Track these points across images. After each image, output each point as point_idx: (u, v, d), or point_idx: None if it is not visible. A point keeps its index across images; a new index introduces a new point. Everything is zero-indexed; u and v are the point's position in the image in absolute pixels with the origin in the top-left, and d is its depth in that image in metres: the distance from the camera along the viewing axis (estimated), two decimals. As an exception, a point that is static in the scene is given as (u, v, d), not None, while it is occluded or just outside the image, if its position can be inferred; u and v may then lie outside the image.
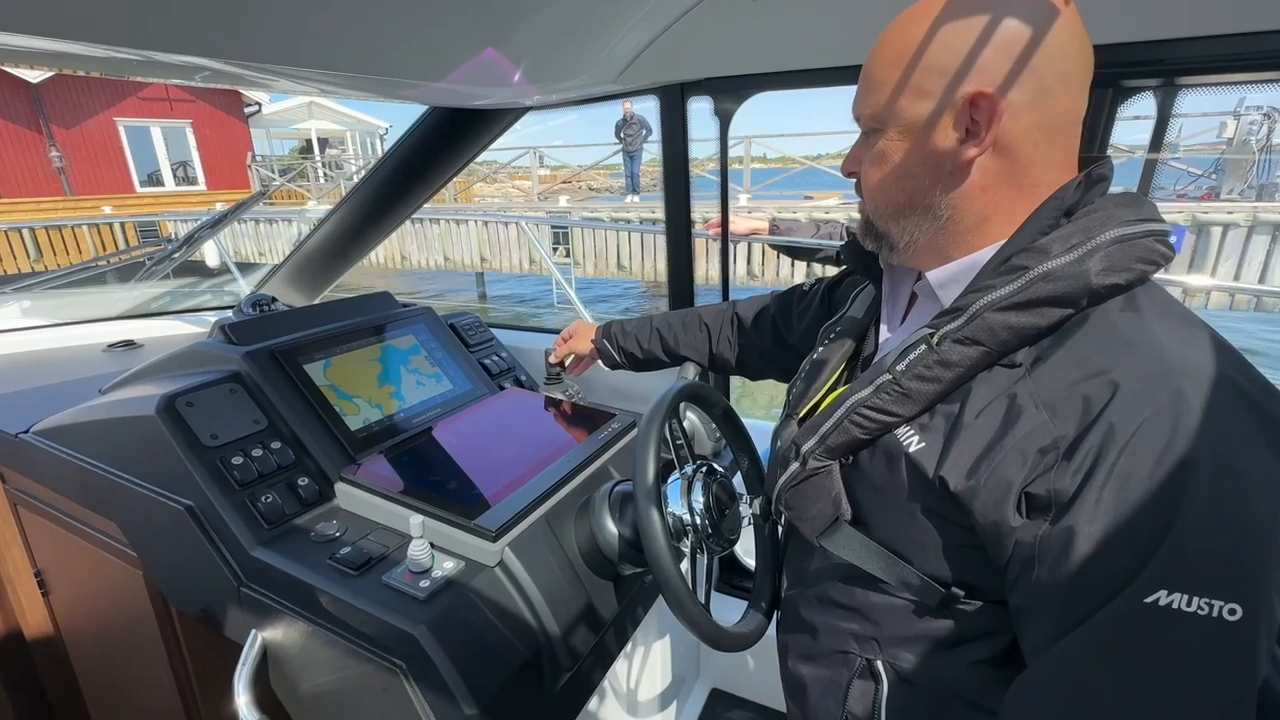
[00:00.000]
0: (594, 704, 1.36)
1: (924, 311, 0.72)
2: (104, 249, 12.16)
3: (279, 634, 0.92)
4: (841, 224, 3.69)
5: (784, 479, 0.73)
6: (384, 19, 0.88)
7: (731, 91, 1.36)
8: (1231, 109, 9.28)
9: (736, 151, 11.64)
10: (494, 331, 1.64)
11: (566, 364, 1.44)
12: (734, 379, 1.54)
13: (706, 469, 0.94)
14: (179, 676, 1.13)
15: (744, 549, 1.51)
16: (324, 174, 17.80)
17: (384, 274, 12.43)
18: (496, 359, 1.53)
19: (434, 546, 0.90)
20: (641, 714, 1.54)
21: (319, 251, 1.84)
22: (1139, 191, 0.71)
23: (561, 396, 1.43)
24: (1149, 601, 0.47)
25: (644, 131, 11.81)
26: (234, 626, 0.97)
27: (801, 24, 1.18)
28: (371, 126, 21.55)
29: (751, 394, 5.79)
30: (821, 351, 0.82)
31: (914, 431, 0.62)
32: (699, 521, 0.89)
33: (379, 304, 1.42)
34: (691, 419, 1.22)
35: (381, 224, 1.80)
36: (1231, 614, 0.46)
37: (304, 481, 1.02)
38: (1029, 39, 0.56)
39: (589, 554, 1.00)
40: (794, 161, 13.09)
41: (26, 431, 1.17)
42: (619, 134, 12.03)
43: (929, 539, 0.62)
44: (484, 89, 1.30)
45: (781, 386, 0.95)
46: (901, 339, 0.66)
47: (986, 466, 0.55)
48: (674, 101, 1.40)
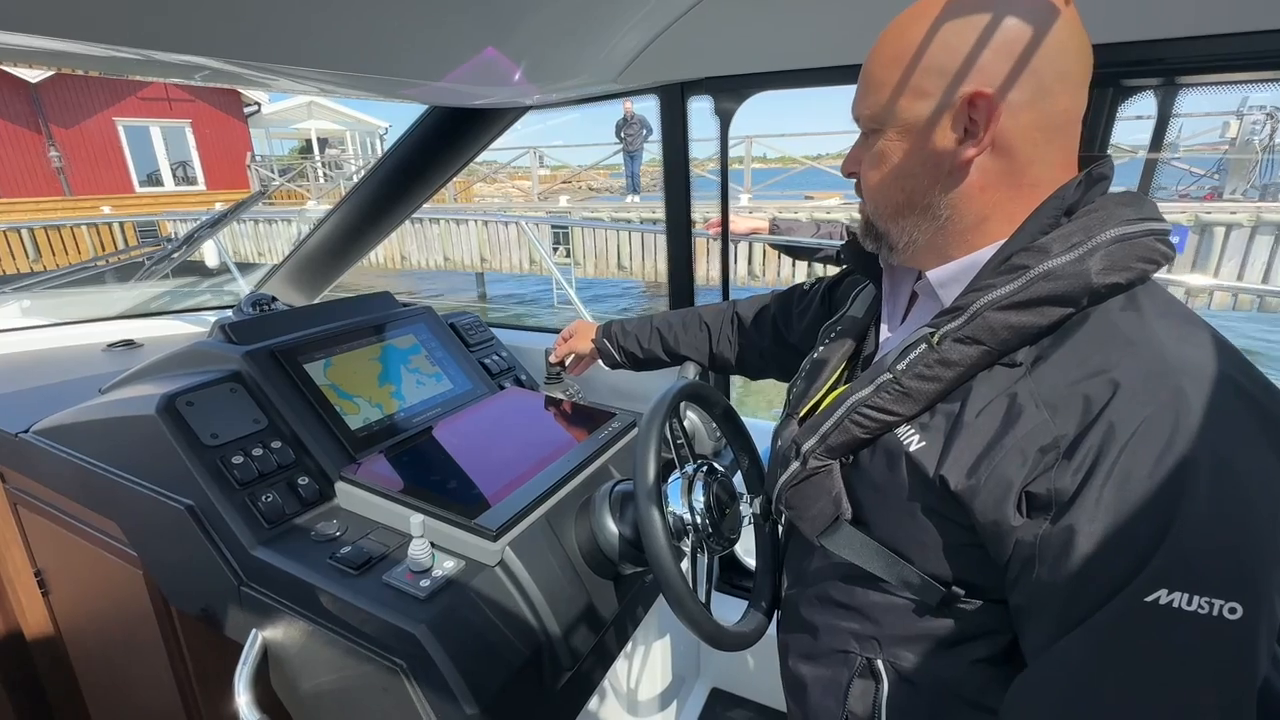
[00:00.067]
0: (594, 703, 1.36)
1: (924, 311, 0.72)
2: (103, 249, 12.13)
3: (279, 633, 0.92)
4: (842, 224, 3.69)
5: (784, 478, 0.73)
6: (384, 18, 0.88)
7: (732, 91, 1.36)
8: (1235, 109, 9.26)
9: (737, 151, 11.64)
10: (494, 331, 1.64)
11: (567, 363, 1.44)
12: (734, 378, 1.55)
13: (707, 468, 0.94)
14: (179, 676, 1.13)
15: (744, 548, 1.51)
16: (323, 174, 17.79)
17: (384, 274, 12.42)
18: (496, 358, 1.53)
19: (434, 546, 0.90)
20: (642, 713, 1.54)
21: (319, 251, 1.84)
22: (1139, 191, 0.71)
23: (562, 396, 1.43)
24: (1149, 600, 0.47)
25: (644, 131, 11.80)
26: (234, 626, 0.97)
27: (801, 23, 1.18)
28: (371, 126, 21.54)
29: (761, 391, 5.77)
30: (822, 351, 0.82)
31: (914, 431, 0.62)
32: (699, 521, 0.89)
33: (379, 304, 1.42)
34: (692, 418, 1.22)
35: (381, 224, 1.80)
36: (1232, 613, 0.46)
37: (304, 481, 1.02)
38: (1027, 39, 0.56)
39: (589, 553, 1.00)
40: (795, 161, 13.08)
41: (26, 431, 1.17)
42: (619, 134, 12.02)
43: (929, 538, 0.63)
44: (484, 88, 1.30)
45: (782, 386, 0.95)
46: (902, 338, 0.66)
47: (987, 465, 0.55)
48: (674, 101, 1.40)
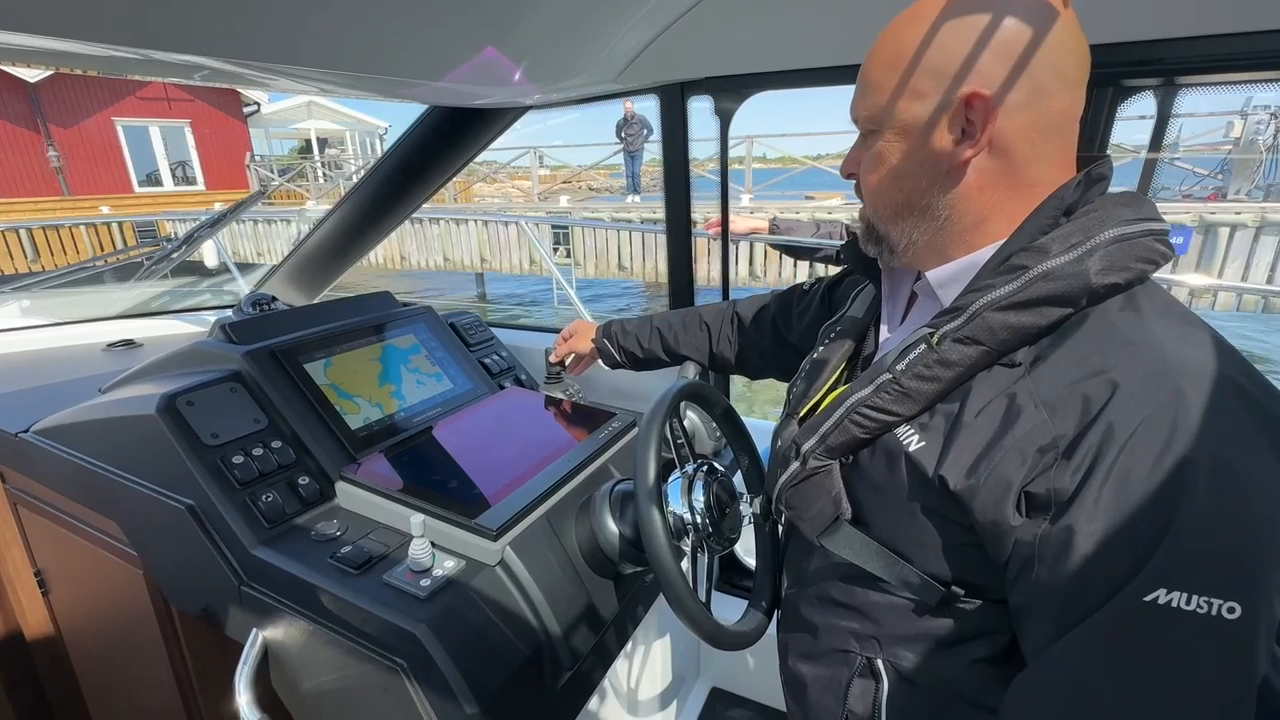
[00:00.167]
0: (594, 703, 1.36)
1: (924, 311, 0.72)
2: (102, 249, 12.12)
3: (280, 633, 0.92)
4: (842, 224, 3.69)
5: (784, 478, 0.73)
6: (384, 18, 0.88)
7: (732, 91, 1.36)
8: (1238, 109, 9.23)
9: (737, 151, 11.63)
10: (494, 331, 1.64)
11: (567, 363, 1.44)
12: (734, 378, 1.55)
13: (707, 468, 0.94)
14: (179, 676, 1.13)
15: (744, 548, 1.51)
16: (323, 174, 17.78)
17: (384, 274, 12.42)
18: (497, 358, 1.53)
19: (434, 545, 0.90)
20: (642, 713, 1.54)
21: (319, 251, 1.84)
22: (1139, 191, 0.71)
23: (562, 396, 1.43)
24: (1148, 600, 0.47)
25: (645, 131, 11.80)
26: (235, 626, 0.97)
27: (801, 23, 1.18)
28: (371, 126, 21.53)
29: (766, 388, 5.76)
30: (822, 351, 0.82)
31: (914, 431, 0.62)
32: (700, 520, 0.89)
33: (379, 303, 1.42)
34: (692, 418, 1.22)
35: (381, 224, 1.80)
36: (1231, 612, 0.46)
37: (304, 480, 1.02)
38: (1024, 40, 0.56)
39: (589, 553, 1.01)
40: (795, 161, 13.07)
41: (26, 431, 1.17)
42: (620, 133, 12.02)
43: (929, 538, 0.63)
44: (484, 88, 1.30)
45: (782, 386, 0.95)
46: (901, 338, 0.66)
47: (986, 465, 0.55)
48: (674, 101, 1.40)
